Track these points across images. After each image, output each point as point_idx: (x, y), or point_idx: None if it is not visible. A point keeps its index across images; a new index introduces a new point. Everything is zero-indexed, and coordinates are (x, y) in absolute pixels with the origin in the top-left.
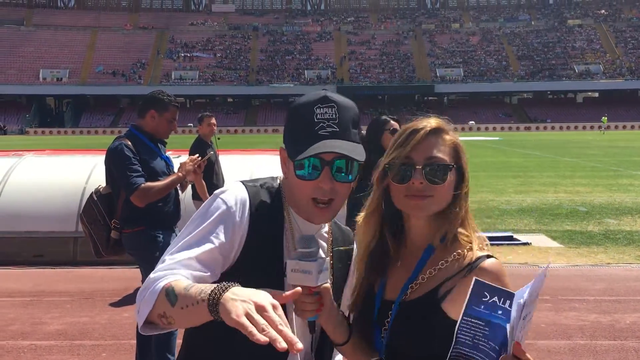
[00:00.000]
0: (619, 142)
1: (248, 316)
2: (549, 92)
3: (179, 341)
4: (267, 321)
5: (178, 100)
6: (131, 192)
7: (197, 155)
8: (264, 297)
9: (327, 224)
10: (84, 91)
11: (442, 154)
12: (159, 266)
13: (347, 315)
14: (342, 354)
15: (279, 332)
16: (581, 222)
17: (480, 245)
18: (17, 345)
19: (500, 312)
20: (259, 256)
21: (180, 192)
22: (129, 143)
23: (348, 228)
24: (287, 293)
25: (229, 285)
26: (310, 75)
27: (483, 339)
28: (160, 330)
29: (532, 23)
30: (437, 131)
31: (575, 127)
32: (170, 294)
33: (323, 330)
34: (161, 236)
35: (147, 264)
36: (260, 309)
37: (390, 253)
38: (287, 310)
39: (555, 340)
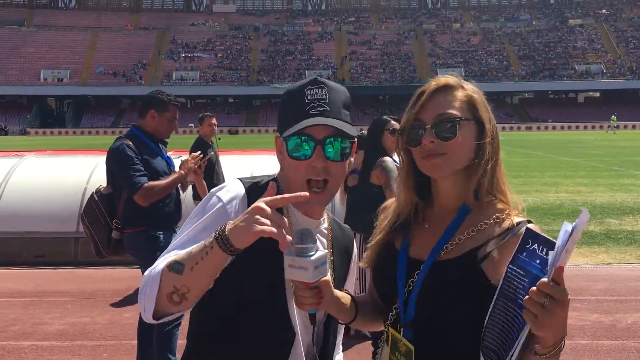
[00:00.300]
0: (621, 142)
1: (256, 225)
2: (550, 92)
3: (180, 342)
4: (268, 216)
5: (178, 100)
6: (134, 191)
7: (199, 152)
8: (255, 204)
9: (326, 221)
10: (85, 92)
11: (453, 110)
12: (157, 262)
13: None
14: (353, 326)
15: (279, 227)
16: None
17: (517, 212)
18: (19, 345)
19: (537, 261)
20: (258, 252)
21: (181, 192)
22: (131, 143)
23: (347, 226)
24: (284, 196)
25: (224, 224)
26: (311, 75)
27: (522, 291)
28: (172, 316)
29: (533, 23)
30: (445, 88)
31: (577, 127)
32: (174, 266)
33: (326, 325)
34: (162, 236)
35: (148, 264)
36: (259, 209)
37: (417, 215)
38: (288, 301)
39: None
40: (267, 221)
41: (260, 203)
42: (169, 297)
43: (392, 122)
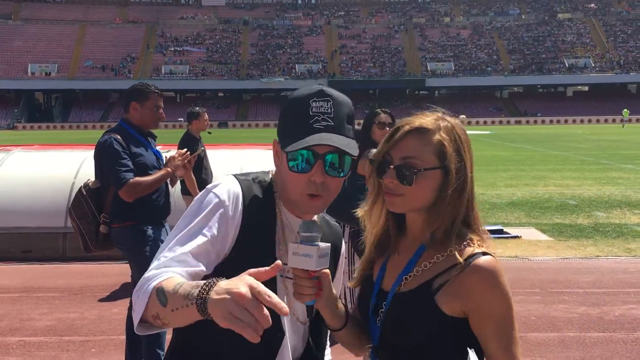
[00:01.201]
0: (608, 136)
1: (231, 316)
2: (539, 86)
3: (168, 336)
4: (247, 307)
5: (166, 93)
6: (119, 187)
7: (186, 149)
8: (242, 284)
9: (315, 220)
10: (73, 86)
11: (417, 157)
12: (153, 264)
13: (345, 302)
14: (338, 340)
15: (262, 317)
16: (571, 215)
17: (479, 243)
18: (6, 341)
19: None
20: (251, 251)
21: (170, 186)
22: (119, 137)
23: (337, 224)
24: (268, 268)
25: (212, 283)
26: (301, 69)
27: None
28: (157, 329)
29: (523, 17)
30: (420, 131)
31: (565, 121)
32: (160, 295)
33: (314, 327)
34: (150, 231)
35: (137, 258)
36: (239, 298)
37: (391, 243)
38: (286, 298)
39: (544, 332)
40: (244, 315)
41: (244, 288)
42: (153, 318)
43: (382, 115)
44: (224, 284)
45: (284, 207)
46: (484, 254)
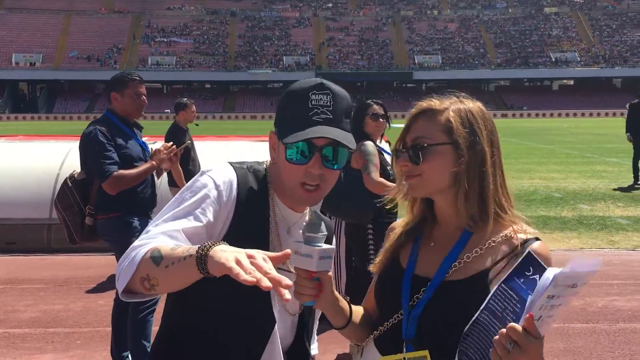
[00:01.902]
0: (593, 130)
1: (237, 261)
2: (525, 80)
3: (155, 328)
4: (255, 267)
5: (153, 84)
6: (103, 179)
7: (172, 143)
8: (254, 250)
9: (307, 215)
10: (58, 76)
11: (428, 133)
12: (142, 235)
13: (348, 300)
14: (342, 334)
15: (265, 274)
16: (555, 207)
17: (525, 228)
18: None
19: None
20: (243, 241)
21: (156, 178)
22: (104, 128)
23: (329, 220)
24: (278, 254)
25: (217, 242)
26: (289, 61)
27: (512, 314)
28: (141, 297)
29: (510, 11)
30: (426, 112)
31: (551, 115)
32: (155, 255)
33: (302, 316)
34: (136, 222)
35: (122, 250)
36: (250, 257)
37: (423, 231)
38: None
39: None
40: (247, 265)
41: (256, 252)
42: (141, 281)
43: (374, 106)
44: (230, 247)
45: (277, 198)
46: (537, 239)
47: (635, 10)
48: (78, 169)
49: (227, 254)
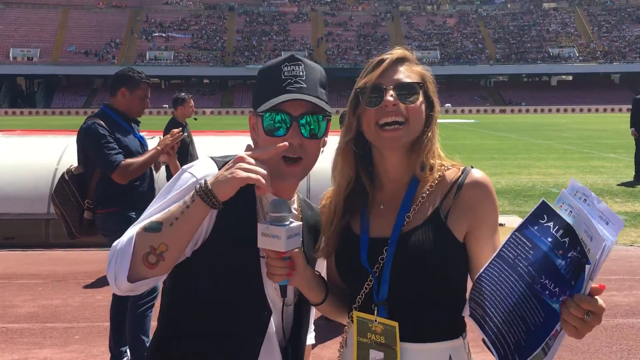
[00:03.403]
0: (592, 125)
1: (240, 172)
2: (523, 75)
3: (154, 323)
4: (249, 162)
5: (152, 80)
6: (112, 170)
7: (179, 129)
8: (238, 155)
9: (296, 201)
10: (56, 71)
11: (412, 79)
12: (125, 232)
13: (323, 275)
14: (320, 311)
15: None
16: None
17: (453, 164)
18: None
19: (550, 239)
20: (232, 232)
21: (154, 172)
22: (102, 122)
23: (317, 206)
24: (267, 149)
25: (205, 180)
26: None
27: (524, 261)
28: (146, 278)
29: (508, 6)
30: (403, 60)
31: (549, 110)
32: (151, 225)
33: (298, 306)
34: (135, 217)
35: None
36: (242, 160)
37: (367, 194)
38: (264, 279)
39: None
40: (252, 167)
41: (243, 154)
42: (144, 259)
43: None
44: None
45: None
46: (471, 167)
47: (634, 6)
48: (76, 164)
49: (226, 174)
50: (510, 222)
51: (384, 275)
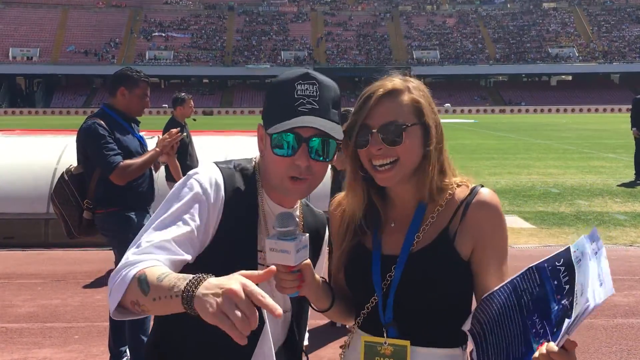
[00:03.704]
0: (591, 125)
1: (220, 313)
2: (523, 75)
3: (152, 323)
4: (239, 305)
5: (151, 79)
6: (110, 170)
7: (178, 129)
8: (234, 281)
9: (298, 208)
10: (56, 70)
11: (399, 116)
12: (133, 249)
13: (328, 282)
14: (326, 316)
15: (251, 311)
16: (553, 203)
17: (463, 181)
18: None
19: (555, 282)
20: (233, 241)
21: (154, 172)
22: (102, 122)
23: (321, 211)
24: (261, 272)
25: (201, 278)
26: (287, 56)
27: (529, 295)
28: (134, 316)
29: (508, 6)
30: (392, 93)
31: (549, 110)
32: (142, 283)
33: (295, 314)
34: (134, 217)
35: (120, 245)
36: (232, 295)
37: (380, 214)
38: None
39: None
40: (235, 313)
41: (236, 286)
42: (132, 304)
43: None
44: (214, 280)
45: (266, 195)
46: (481, 186)
47: (633, 6)
48: (75, 164)
49: (210, 301)
50: (510, 222)
51: (391, 294)
